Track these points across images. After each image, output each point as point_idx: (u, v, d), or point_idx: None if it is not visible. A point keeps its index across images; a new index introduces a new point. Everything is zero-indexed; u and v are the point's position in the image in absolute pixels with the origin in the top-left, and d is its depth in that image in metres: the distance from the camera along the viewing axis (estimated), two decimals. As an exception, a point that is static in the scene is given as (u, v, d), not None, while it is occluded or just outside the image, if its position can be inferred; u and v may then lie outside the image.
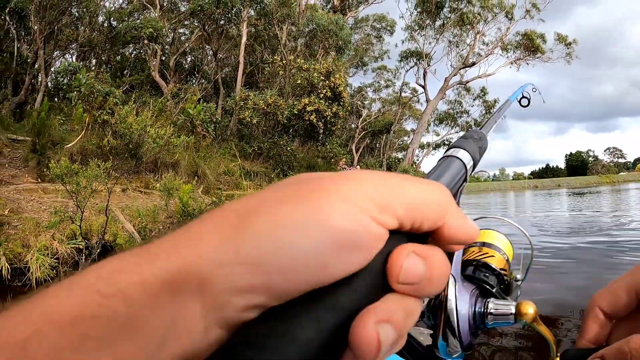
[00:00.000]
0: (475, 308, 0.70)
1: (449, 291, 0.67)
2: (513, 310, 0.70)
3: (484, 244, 0.82)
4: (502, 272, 0.78)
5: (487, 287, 0.74)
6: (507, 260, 0.81)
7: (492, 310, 0.70)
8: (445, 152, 0.60)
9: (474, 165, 0.59)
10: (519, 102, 1.09)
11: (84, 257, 6.93)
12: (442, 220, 0.33)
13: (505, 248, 0.82)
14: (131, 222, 8.25)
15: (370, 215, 0.29)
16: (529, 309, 0.69)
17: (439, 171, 0.53)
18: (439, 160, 0.57)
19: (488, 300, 0.72)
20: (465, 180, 0.56)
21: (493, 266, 0.77)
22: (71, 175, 6.99)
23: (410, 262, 0.31)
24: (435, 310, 0.70)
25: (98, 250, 7.03)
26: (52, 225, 6.93)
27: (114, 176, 8.08)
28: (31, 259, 6.41)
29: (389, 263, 0.30)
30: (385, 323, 0.29)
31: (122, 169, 10.49)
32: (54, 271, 6.59)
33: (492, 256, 0.79)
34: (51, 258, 6.60)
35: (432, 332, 1.32)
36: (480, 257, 0.79)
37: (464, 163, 0.57)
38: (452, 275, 0.67)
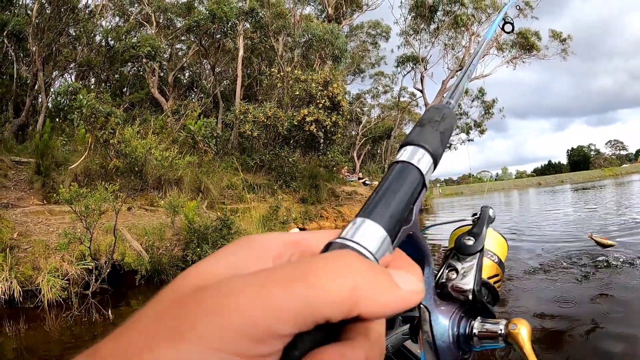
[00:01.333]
0: (458, 330, 0.62)
1: (423, 325, 0.59)
2: (502, 330, 0.62)
3: None
4: (494, 278, 0.72)
5: (472, 304, 0.66)
6: (499, 262, 0.74)
7: (476, 332, 0.63)
8: (398, 150, 0.47)
9: (437, 161, 0.47)
10: (502, 28, 1.00)
11: (94, 277, 6.99)
12: (354, 310, 0.28)
13: (495, 248, 0.75)
14: (138, 241, 8.30)
15: (239, 355, 0.25)
16: (522, 330, 0.60)
17: (377, 199, 0.39)
18: (389, 167, 0.45)
19: (473, 320, 0.64)
20: (423, 189, 0.44)
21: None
22: (80, 198, 7.07)
23: None
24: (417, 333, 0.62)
25: (108, 270, 7.09)
26: (62, 248, 7.00)
27: (121, 197, 8.14)
28: (42, 280, 6.47)
29: None
30: None
31: (128, 188, 10.54)
32: (65, 292, 6.65)
33: None
34: (62, 279, 6.66)
35: None
36: None
37: (420, 171, 0.44)
38: (424, 306, 0.58)
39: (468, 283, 0.66)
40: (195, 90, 26.62)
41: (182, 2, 25.69)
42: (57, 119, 16.35)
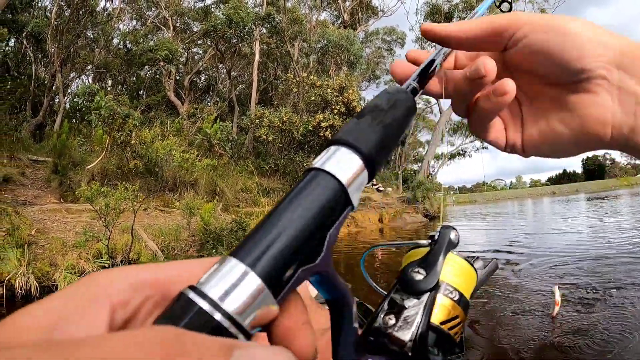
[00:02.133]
0: None
1: None
2: None
3: None
4: (450, 322, 0.54)
5: None
6: (460, 300, 0.55)
7: None
8: (329, 147, 0.35)
9: (375, 167, 0.35)
10: (499, 7, 0.63)
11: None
12: None
13: (457, 279, 0.56)
14: (154, 241, 8.34)
15: None
16: None
17: (260, 228, 0.28)
18: (303, 174, 0.33)
19: None
20: (345, 209, 0.32)
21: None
22: (100, 197, 7.14)
23: None
24: None
25: (124, 268, 7.12)
26: (80, 245, 7.06)
27: (140, 197, 8.21)
28: (59, 277, 6.52)
29: None
30: None
31: (145, 189, 10.62)
32: (82, 289, 6.68)
33: None
34: (78, 276, 6.70)
35: None
36: None
37: (340, 183, 0.32)
38: None
39: (409, 333, 0.50)
40: (211, 94, 26.77)
41: (199, 6, 25.93)
42: (74, 120, 16.50)
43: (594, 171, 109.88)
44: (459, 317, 0.54)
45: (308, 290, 1.82)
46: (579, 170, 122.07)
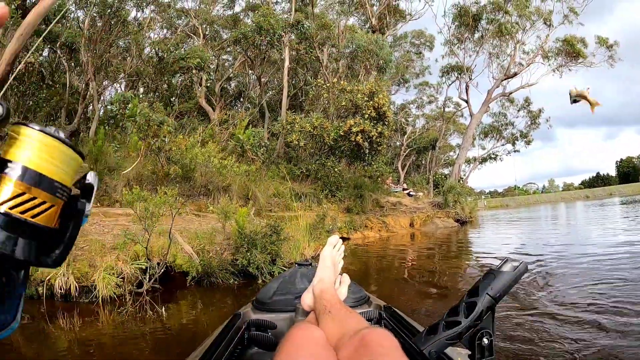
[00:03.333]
0: None
1: None
2: None
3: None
4: (11, 202, 0.48)
5: None
6: (24, 176, 0.49)
7: None
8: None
9: None
10: None
11: (147, 276, 7.10)
12: None
13: (25, 155, 0.49)
14: (189, 244, 8.38)
15: None
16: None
17: None
18: None
19: None
20: None
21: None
22: (140, 201, 7.28)
23: None
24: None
25: (162, 270, 7.21)
26: (120, 247, 7.17)
27: (180, 201, 8.33)
28: (98, 277, 6.61)
29: None
30: None
31: (180, 194, 10.75)
32: (120, 289, 6.79)
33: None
34: (116, 277, 6.79)
35: (469, 352, 1.30)
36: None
37: None
38: None
39: None
40: (242, 100, 27.00)
41: (228, 14, 26.19)
42: (107, 126, 16.75)
43: (629, 174, 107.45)
44: (25, 194, 0.47)
45: (337, 294, 1.83)
46: (613, 172, 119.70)
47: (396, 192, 23.96)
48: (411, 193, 24.78)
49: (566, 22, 29.87)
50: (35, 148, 0.47)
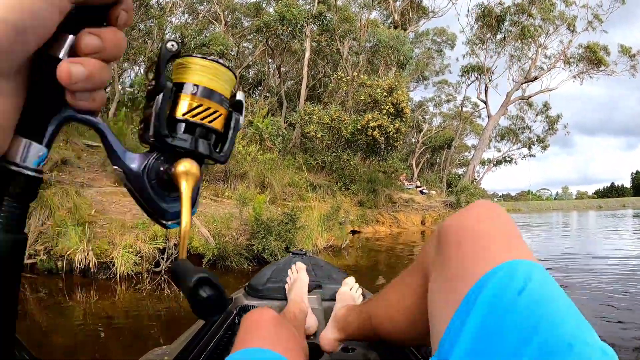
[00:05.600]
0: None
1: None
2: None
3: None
4: (192, 112, 0.59)
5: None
6: (198, 92, 0.59)
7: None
8: None
9: None
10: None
11: (166, 256, 7.18)
12: None
13: (200, 77, 0.60)
14: (206, 227, 8.45)
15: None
16: (184, 166, 0.57)
17: None
18: None
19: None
20: None
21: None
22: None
23: (87, 40, 0.41)
24: None
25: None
26: (140, 227, 7.26)
27: (203, 184, 8.40)
28: (117, 255, 6.71)
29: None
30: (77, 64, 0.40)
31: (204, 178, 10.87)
32: (138, 266, 6.89)
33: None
34: (135, 255, 6.88)
35: None
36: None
37: None
38: None
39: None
40: (260, 88, 27.01)
41: (250, 2, 26.18)
42: (125, 108, 16.83)
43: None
44: (202, 105, 0.58)
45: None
46: (628, 184, 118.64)
47: (409, 189, 23.93)
48: (424, 191, 24.75)
49: (590, 28, 29.63)
50: (203, 71, 0.58)
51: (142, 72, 21.60)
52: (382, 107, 18.35)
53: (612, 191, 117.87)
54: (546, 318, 0.64)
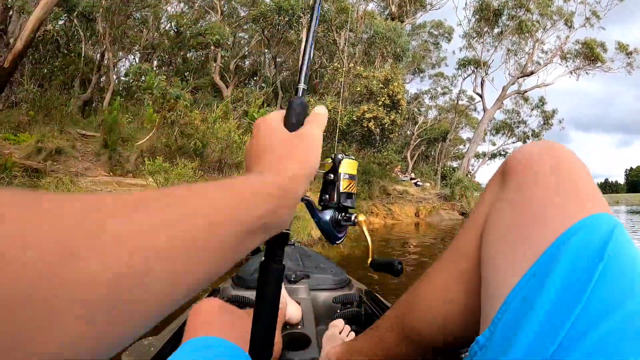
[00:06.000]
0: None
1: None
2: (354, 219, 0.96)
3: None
4: (348, 187, 0.98)
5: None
6: (350, 177, 0.99)
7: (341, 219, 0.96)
8: None
9: None
10: None
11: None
12: None
13: (346, 169, 0.99)
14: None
15: (312, 174, 0.71)
16: (361, 217, 0.97)
17: None
18: None
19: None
20: None
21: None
22: (161, 172, 7.38)
23: None
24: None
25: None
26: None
27: (199, 173, 8.44)
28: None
29: None
30: None
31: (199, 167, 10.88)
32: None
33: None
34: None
35: None
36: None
37: None
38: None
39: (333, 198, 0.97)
40: (256, 79, 26.96)
41: (247, -9, 26.06)
42: (120, 97, 16.80)
43: (637, 183, 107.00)
44: (352, 183, 0.99)
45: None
46: (622, 180, 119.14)
47: (404, 181, 23.95)
48: (418, 183, 24.77)
49: (587, 24, 29.61)
50: (349, 165, 0.99)
51: (136, 61, 21.50)
52: (378, 98, 18.36)
53: (606, 187, 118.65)
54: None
